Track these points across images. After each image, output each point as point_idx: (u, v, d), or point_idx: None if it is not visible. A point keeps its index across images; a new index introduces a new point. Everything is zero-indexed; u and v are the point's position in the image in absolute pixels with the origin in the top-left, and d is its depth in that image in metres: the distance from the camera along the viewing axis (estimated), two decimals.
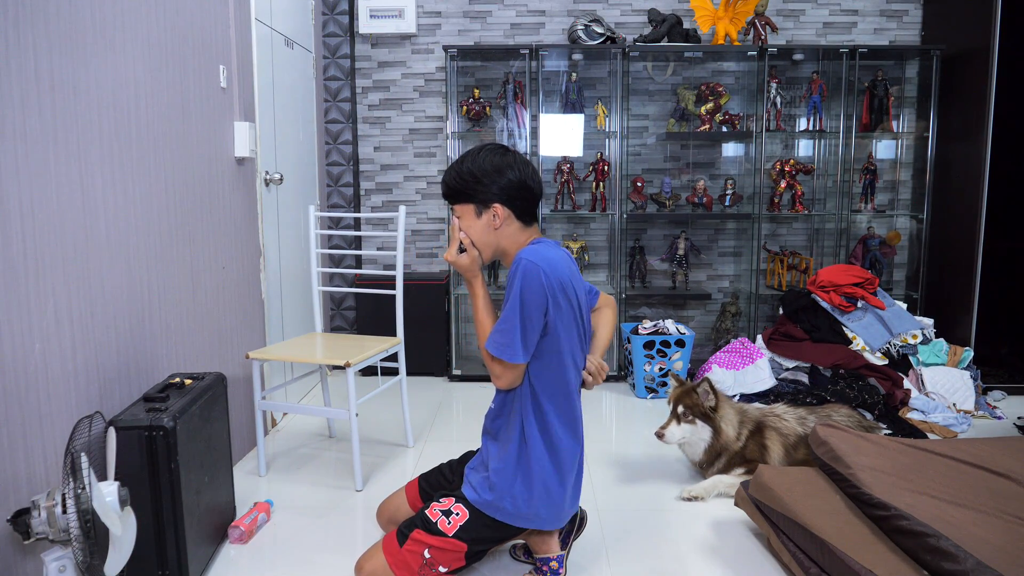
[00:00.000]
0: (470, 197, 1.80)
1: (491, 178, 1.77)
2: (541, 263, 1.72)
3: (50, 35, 1.68)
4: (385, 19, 4.02)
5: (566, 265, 1.80)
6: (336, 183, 4.12)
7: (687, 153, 4.20)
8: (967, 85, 3.75)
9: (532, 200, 1.83)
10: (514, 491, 1.81)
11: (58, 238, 1.72)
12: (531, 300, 1.71)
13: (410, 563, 1.78)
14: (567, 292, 1.76)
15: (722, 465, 2.55)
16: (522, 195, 1.80)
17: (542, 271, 1.71)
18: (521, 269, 1.72)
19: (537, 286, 1.71)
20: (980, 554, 1.53)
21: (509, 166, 1.78)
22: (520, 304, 1.72)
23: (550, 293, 1.72)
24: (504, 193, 1.78)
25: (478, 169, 1.78)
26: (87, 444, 1.52)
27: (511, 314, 1.73)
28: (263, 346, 3.03)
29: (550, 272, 1.72)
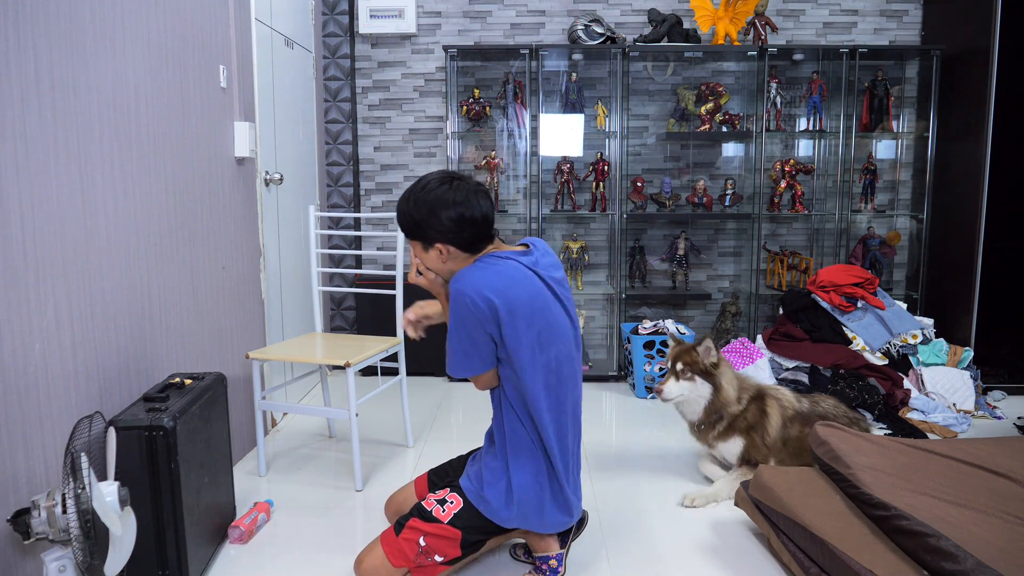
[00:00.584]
0: (414, 237, 1.84)
1: (428, 221, 1.78)
2: (468, 288, 1.72)
3: (50, 35, 1.68)
4: (385, 19, 4.02)
5: (504, 277, 1.76)
6: (336, 183, 4.12)
7: (687, 153, 4.20)
8: (967, 85, 3.75)
9: (476, 232, 1.80)
10: (499, 488, 1.82)
11: (58, 238, 1.72)
12: (467, 323, 1.75)
13: (406, 551, 1.79)
14: (510, 303, 1.73)
15: (722, 428, 2.53)
16: (462, 230, 1.78)
17: (467, 295, 1.72)
18: (453, 297, 1.75)
19: (467, 313, 1.73)
20: (980, 554, 1.53)
21: (447, 204, 1.76)
22: (459, 326, 1.76)
23: (481, 316, 1.72)
24: (443, 234, 1.79)
25: (416, 212, 1.79)
26: (87, 444, 1.52)
27: (453, 336, 1.78)
28: (263, 346, 3.03)
29: (479, 292, 1.72)
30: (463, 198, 1.77)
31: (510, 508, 1.81)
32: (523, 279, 1.78)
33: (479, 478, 1.87)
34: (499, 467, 1.84)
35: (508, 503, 1.81)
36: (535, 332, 1.76)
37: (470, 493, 1.85)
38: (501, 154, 4.09)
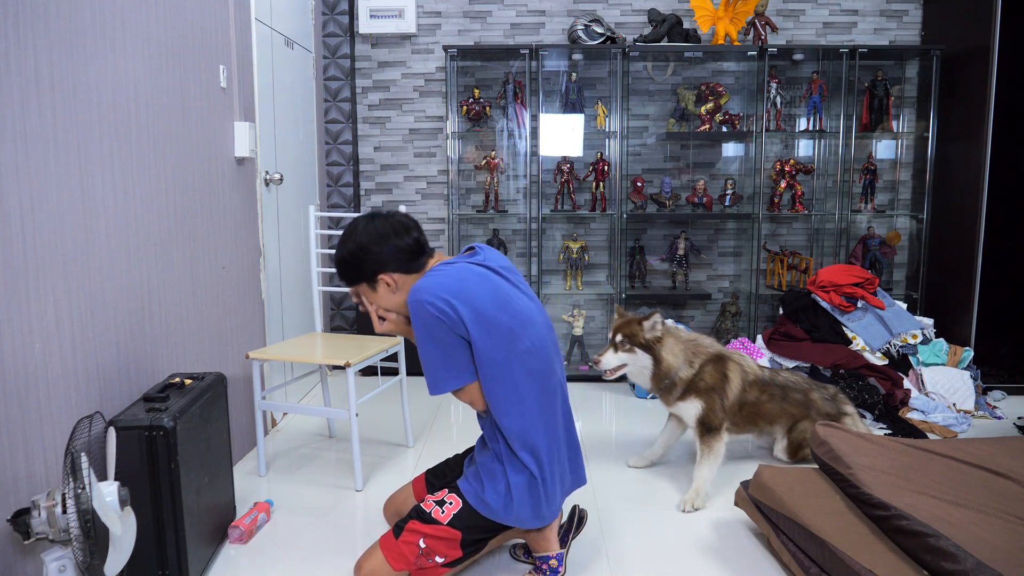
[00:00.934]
0: (358, 280, 1.86)
1: (362, 261, 1.82)
2: (423, 294, 1.72)
3: (50, 35, 1.68)
4: (385, 19, 4.02)
5: (456, 279, 1.77)
6: (336, 183, 4.12)
7: (687, 153, 4.20)
8: (967, 85, 3.75)
9: (409, 250, 1.83)
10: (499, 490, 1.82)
11: (58, 238, 1.72)
12: (434, 331, 1.72)
13: (406, 554, 1.79)
14: (470, 301, 1.73)
15: (679, 393, 2.55)
16: (396, 254, 1.82)
17: (425, 302, 1.71)
18: (412, 310, 1.74)
19: (432, 320, 1.71)
20: (980, 554, 1.53)
21: (374, 236, 1.81)
22: (427, 339, 1.74)
23: (448, 319, 1.71)
24: (382, 263, 1.82)
25: (350, 256, 1.83)
26: (87, 444, 1.52)
27: (424, 353, 1.76)
28: (263, 346, 3.03)
29: (435, 294, 1.71)
30: (385, 225, 1.83)
31: (509, 508, 1.82)
32: (476, 277, 1.80)
33: (477, 479, 1.87)
34: (497, 469, 1.84)
35: (507, 504, 1.81)
36: (505, 324, 1.76)
37: (469, 494, 1.85)
38: (501, 154, 4.09)
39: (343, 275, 1.88)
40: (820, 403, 2.77)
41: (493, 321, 1.74)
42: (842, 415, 2.78)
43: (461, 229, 4.20)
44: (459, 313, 1.71)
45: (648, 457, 2.79)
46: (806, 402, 2.75)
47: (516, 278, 1.91)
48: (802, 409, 2.73)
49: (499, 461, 1.84)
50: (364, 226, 1.84)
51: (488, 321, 1.74)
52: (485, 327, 1.73)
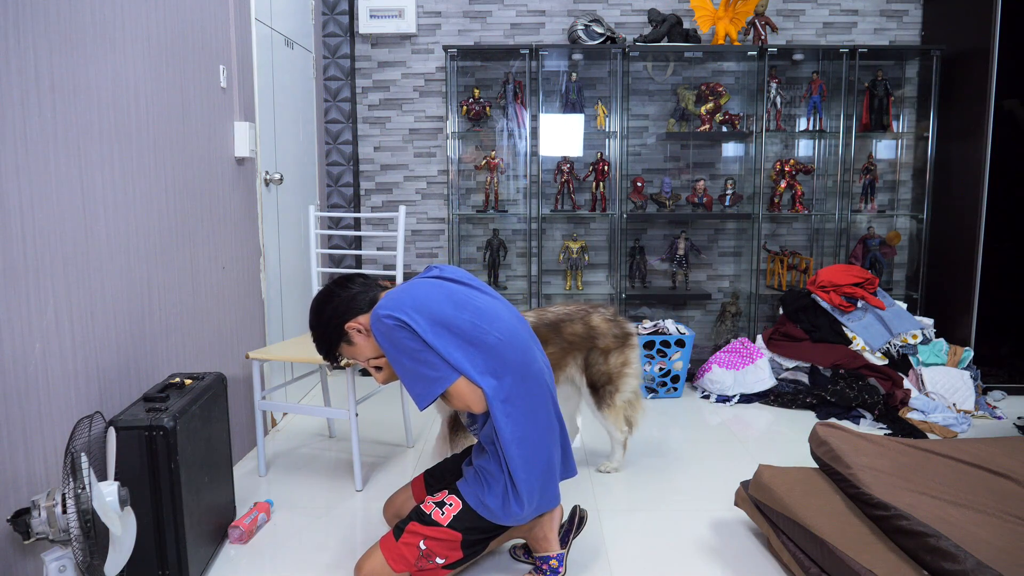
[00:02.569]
0: (335, 343, 1.95)
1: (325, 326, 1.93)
2: (378, 310, 1.78)
3: (50, 35, 1.68)
4: (385, 19, 4.02)
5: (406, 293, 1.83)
6: (336, 183, 4.12)
7: (687, 153, 4.20)
8: (967, 85, 3.75)
9: (357, 293, 1.92)
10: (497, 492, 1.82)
11: (58, 238, 1.72)
12: (398, 341, 1.76)
13: (407, 556, 1.79)
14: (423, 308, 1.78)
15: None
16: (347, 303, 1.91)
17: (381, 316, 1.77)
18: (375, 332, 1.80)
19: (394, 333, 1.76)
20: (980, 554, 1.53)
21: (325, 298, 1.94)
22: (397, 353, 1.78)
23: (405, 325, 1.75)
24: (339, 318, 1.91)
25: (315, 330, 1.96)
26: (87, 444, 1.52)
27: (400, 369, 1.79)
28: (263, 346, 3.03)
29: (387, 308, 1.77)
30: (327, 289, 1.95)
31: (507, 510, 1.81)
32: (427, 285, 1.87)
33: (476, 481, 1.86)
34: (495, 469, 1.84)
35: (506, 504, 1.81)
36: (467, 320, 1.80)
37: (468, 496, 1.85)
38: (501, 154, 4.09)
39: (324, 351, 1.97)
40: (603, 325, 2.55)
41: (453, 321, 1.79)
42: (627, 335, 2.60)
43: (461, 229, 4.20)
44: (414, 322, 1.75)
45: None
46: (588, 331, 2.52)
47: (476, 283, 1.96)
48: (586, 340, 2.52)
49: (497, 463, 1.84)
50: (314, 306, 1.96)
51: (447, 322, 1.78)
52: (445, 329, 1.77)
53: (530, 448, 1.82)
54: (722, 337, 4.12)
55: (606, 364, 2.57)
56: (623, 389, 2.60)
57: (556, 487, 1.92)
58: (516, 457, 1.80)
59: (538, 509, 1.89)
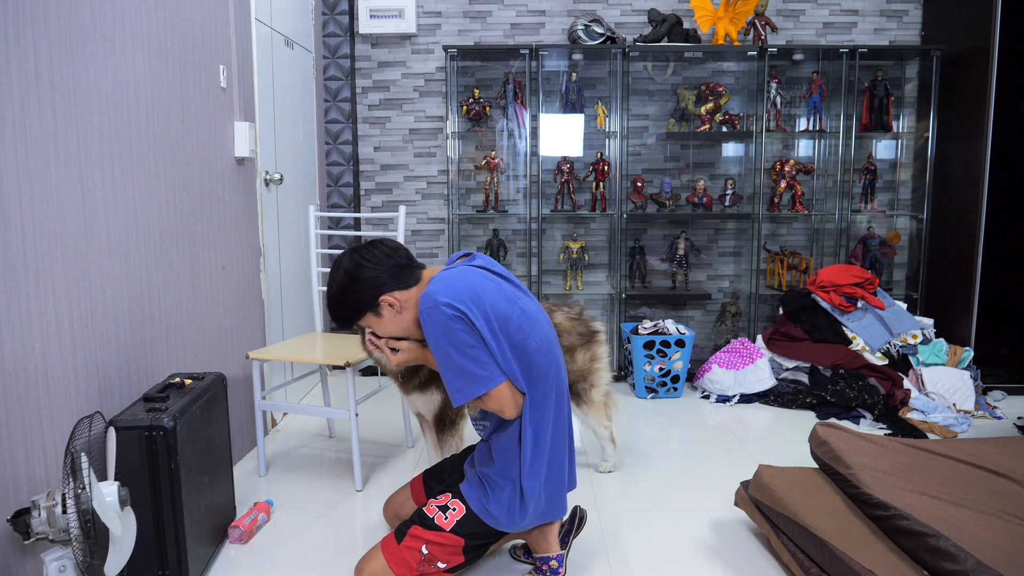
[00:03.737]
0: (360, 311, 1.81)
1: (358, 290, 1.77)
2: (438, 296, 1.68)
3: (50, 35, 1.68)
4: (385, 19, 4.02)
5: (464, 281, 1.75)
6: (336, 183, 4.12)
7: (687, 153, 4.20)
8: (967, 85, 3.75)
9: (401, 266, 1.80)
10: (502, 499, 1.81)
11: (58, 238, 1.72)
12: (453, 332, 1.68)
13: (408, 560, 1.79)
14: (480, 303, 1.71)
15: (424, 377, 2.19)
16: (389, 273, 1.78)
17: (440, 304, 1.67)
18: (426, 318, 1.69)
19: (447, 319, 1.67)
20: (980, 554, 1.53)
21: (360, 266, 1.78)
22: (446, 344, 1.68)
23: (464, 317, 1.68)
24: (377, 288, 1.77)
25: (342, 289, 1.79)
26: (87, 444, 1.52)
27: (445, 360, 1.70)
28: (263, 346, 3.03)
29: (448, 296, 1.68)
30: (369, 251, 1.80)
31: (513, 516, 1.81)
32: (481, 277, 1.79)
33: (481, 487, 1.85)
34: (501, 477, 1.82)
35: (511, 512, 1.81)
36: (516, 321, 1.75)
37: (472, 501, 1.83)
38: (501, 154, 4.09)
39: (342, 314, 1.82)
40: (566, 323, 2.50)
41: (505, 322, 1.73)
42: (594, 333, 2.56)
43: (461, 229, 4.20)
44: (474, 316, 1.69)
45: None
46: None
47: (515, 280, 1.91)
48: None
49: (504, 469, 1.81)
50: (349, 258, 1.81)
51: (501, 321, 1.72)
52: (499, 328, 1.72)
53: (546, 458, 1.82)
54: (722, 337, 4.12)
55: (574, 362, 2.51)
56: (598, 384, 2.58)
57: (564, 499, 1.91)
58: (530, 465, 1.79)
59: (542, 518, 1.88)
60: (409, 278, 1.80)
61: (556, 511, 1.90)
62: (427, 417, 2.31)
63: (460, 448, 2.28)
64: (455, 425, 2.29)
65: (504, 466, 1.82)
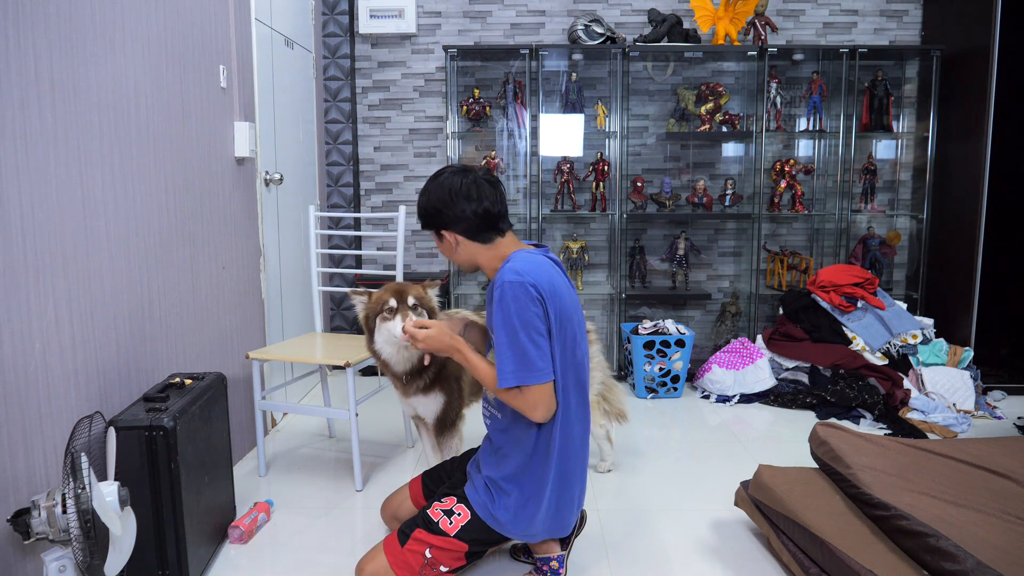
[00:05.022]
0: (430, 227, 1.84)
1: (432, 215, 1.81)
2: (526, 280, 1.67)
3: (50, 35, 1.68)
4: (385, 19, 4.02)
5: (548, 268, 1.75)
6: (336, 183, 4.12)
7: (687, 153, 4.20)
8: (967, 85, 3.75)
9: (476, 218, 1.77)
10: (508, 505, 1.80)
11: (58, 238, 1.72)
12: (527, 315, 1.66)
13: (411, 563, 1.78)
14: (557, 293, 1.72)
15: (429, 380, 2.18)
16: (462, 219, 1.78)
17: (525, 283, 1.66)
18: (505, 291, 1.67)
19: (530, 300, 1.66)
20: (980, 554, 1.53)
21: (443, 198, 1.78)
22: (521, 324, 1.66)
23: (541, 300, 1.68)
24: (445, 223, 1.80)
25: (424, 209, 1.83)
26: (87, 444, 1.52)
27: (512, 337, 1.67)
28: (263, 346, 3.02)
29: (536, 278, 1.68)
30: (461, 186, 1.78)
31: (519, 524, 1.80)
32: (558, 274, 1.78)
33: (487, 491, 1.84)
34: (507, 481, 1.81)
35: (518, 519, 1.80)
36: (571, 329, 1.75)
37: (478, 507, 1.82)
38: (501, 154, 4.09)
39: (421, 212, 1.85)
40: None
41: (567, 324, 1.73)
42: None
43: None
44: (551, 305, 1.69)
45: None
46: None
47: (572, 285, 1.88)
48: None
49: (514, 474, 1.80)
50: (444, 180, 1.80)
51: (564, 319, 1.72)
52: (563, 328, 1.72)
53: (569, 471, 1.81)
54: (722, 337, 4.12)
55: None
56: (591, 384, 2.53)
57: (574, 516, 1.89)
58: (554, 480, 1.78)
59: (550, 533, 1.87)
60: (482, 235, 1.80)
61: (561, 528, 1.88)
62: (428, 420, 2.29)
63: (460, 451, 2.27)
64: (455, 426, 2.28)
65: (512, 471, 1.80)
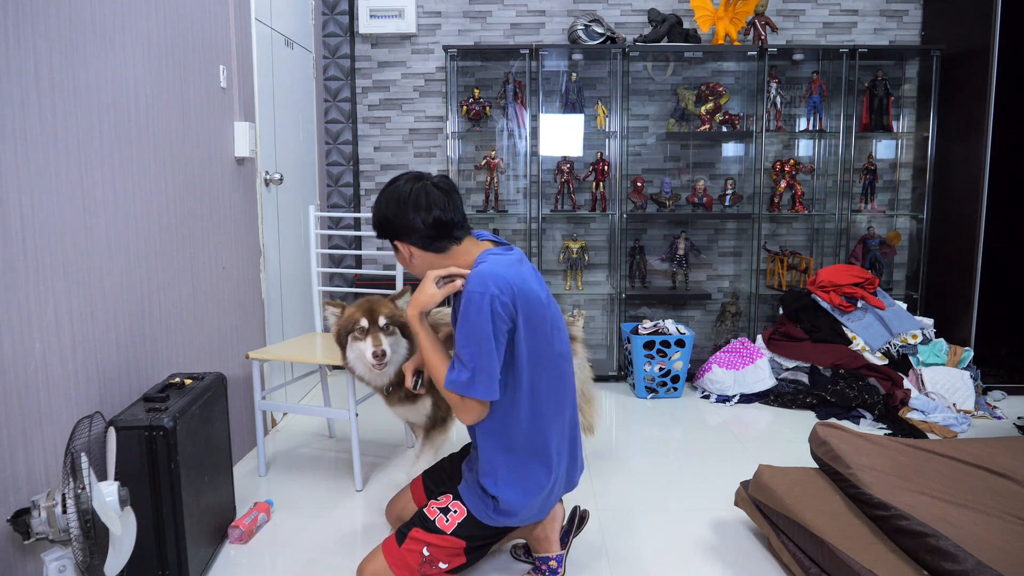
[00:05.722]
0: (384, 237, 1.80)
1: (383, 225, 1.77)
2: (491, 287, 1.65)
3: (50, 35, 1.68)
4: (385, 19, 4.02)
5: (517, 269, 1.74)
6: (336, 183, 4.12)
7: (687, 153, 4.20)
8: (967, 85, 3.75)
9: (427, 228, 1.72)
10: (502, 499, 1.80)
11: (58, 238, 1.72)
12: (486, 329, 1.64)
13: (409, 562, 1.79)
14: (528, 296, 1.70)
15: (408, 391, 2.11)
16: (412, 230, 1.73)
17: (494, 296, 1.64)
18: (472, 301, 1.66)
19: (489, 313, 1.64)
20: (980, 554, 1.53)
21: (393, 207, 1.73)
22: (476, 336, 1.65)
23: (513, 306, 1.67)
24: (396, 234, 1.76)
25: (375, 218, 1.79)
26: (87, 444, 1.52)
27: (466, 348, 1.67)
28: (263, 346, 3.03)
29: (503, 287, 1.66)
30: (411, 195, 1.72)
31: (511, 516, 1.81)
32: (529, 272, 1.79)
33: (480, 488, 1.84)
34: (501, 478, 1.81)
35: (509, 512, 1.80)
36: (548, 323, 1.76)
37: (472, 504, 1.83)
38: (501, 154, 4.09)
39: (375, 223, 1.81)
40: None
41: (542, 324, 1.74)
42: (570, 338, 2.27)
43: None
44: (517, 314, 1.68)
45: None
46: None
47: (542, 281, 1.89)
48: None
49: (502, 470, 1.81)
50: (395, 189, 1.75)
51: (537, 322, 1.72)
52: (532, 330, 1.72)
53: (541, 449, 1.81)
54: (722, 337, 4.12)
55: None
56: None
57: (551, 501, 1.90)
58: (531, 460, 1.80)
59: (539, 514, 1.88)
60: (435, 245, 1.75)
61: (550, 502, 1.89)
62: (421, 423, 2.33)
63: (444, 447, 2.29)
64: (445, 424, 2.31)
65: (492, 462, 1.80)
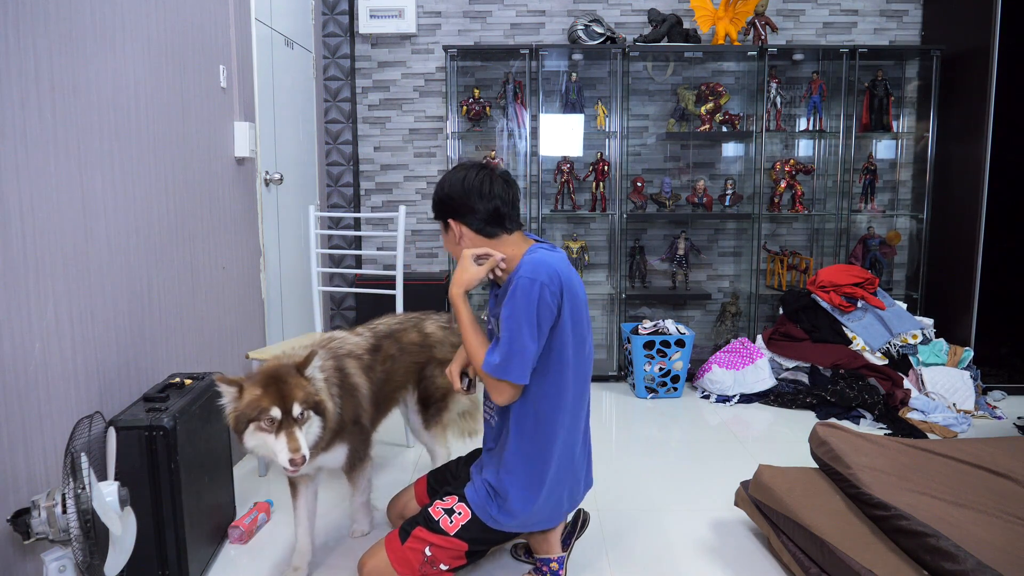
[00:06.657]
0: (440, 213, 1.85)
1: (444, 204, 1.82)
2: (541, 275, 1.70)
3: (50, 35, 1.68)
4: (385, 19, 4.02)
5: (566, 265, 1.80)
6: (336, 183, 4.12)
7: (687, 153, 4.20)
8: (967, 85, 3.75)
9: (485, 215, 1.78)
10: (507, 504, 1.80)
11: (58, 238, 1.72)
12: (530, 315, 1.69)
13: (411, 560, 1.79)
14: (574, 291, 1.77)
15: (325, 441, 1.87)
16: (471, 214, 1.78)
17: (543, 284, 1.69)
18: (519, 287, 1.70)
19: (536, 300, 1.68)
20: (980, 554, 1.53)
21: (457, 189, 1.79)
22: (520, 321, 1.68)
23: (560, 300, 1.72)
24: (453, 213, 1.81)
25: (437, 196, 1.84)
26: (87, 444, 1.52)
27: (511, 333, 1.69)
28: (263, 346, 3.02)
29: (552, 277, 1.71)
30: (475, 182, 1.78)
31: (514, 519, 1.81)
32: (574, 271, 1.82)
33: (487, 492, 1.84)
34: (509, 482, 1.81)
35: (514, 516, 1.80)
36: (583, 325, 1.80)
37: (478, 507, 1.83)
38: (501, 154, 4.09)
39: (433, 209, 1.87)
40: (438, 333, 2.35)
41: (580, 322, 1.78)
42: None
43: None
44: (563, 303, 1.72)
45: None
46: (423, 340, 2.30)
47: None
48: (423, 350, 2.29)
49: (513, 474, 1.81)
50: (461, 173, 1.81)
51: (577, 319, 1.77)
52: (575, 323, 1.76)
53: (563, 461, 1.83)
54: (722, 337, 4.12)
55: (443, 377, 2.27)
56: (454, 405, 2.41)
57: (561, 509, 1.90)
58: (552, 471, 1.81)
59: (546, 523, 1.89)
60: (488, 230, 1.80)
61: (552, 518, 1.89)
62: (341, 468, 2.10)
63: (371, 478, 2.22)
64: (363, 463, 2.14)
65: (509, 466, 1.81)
